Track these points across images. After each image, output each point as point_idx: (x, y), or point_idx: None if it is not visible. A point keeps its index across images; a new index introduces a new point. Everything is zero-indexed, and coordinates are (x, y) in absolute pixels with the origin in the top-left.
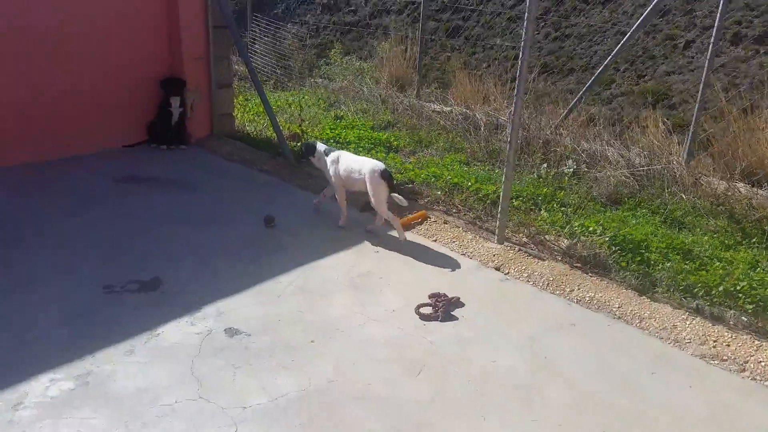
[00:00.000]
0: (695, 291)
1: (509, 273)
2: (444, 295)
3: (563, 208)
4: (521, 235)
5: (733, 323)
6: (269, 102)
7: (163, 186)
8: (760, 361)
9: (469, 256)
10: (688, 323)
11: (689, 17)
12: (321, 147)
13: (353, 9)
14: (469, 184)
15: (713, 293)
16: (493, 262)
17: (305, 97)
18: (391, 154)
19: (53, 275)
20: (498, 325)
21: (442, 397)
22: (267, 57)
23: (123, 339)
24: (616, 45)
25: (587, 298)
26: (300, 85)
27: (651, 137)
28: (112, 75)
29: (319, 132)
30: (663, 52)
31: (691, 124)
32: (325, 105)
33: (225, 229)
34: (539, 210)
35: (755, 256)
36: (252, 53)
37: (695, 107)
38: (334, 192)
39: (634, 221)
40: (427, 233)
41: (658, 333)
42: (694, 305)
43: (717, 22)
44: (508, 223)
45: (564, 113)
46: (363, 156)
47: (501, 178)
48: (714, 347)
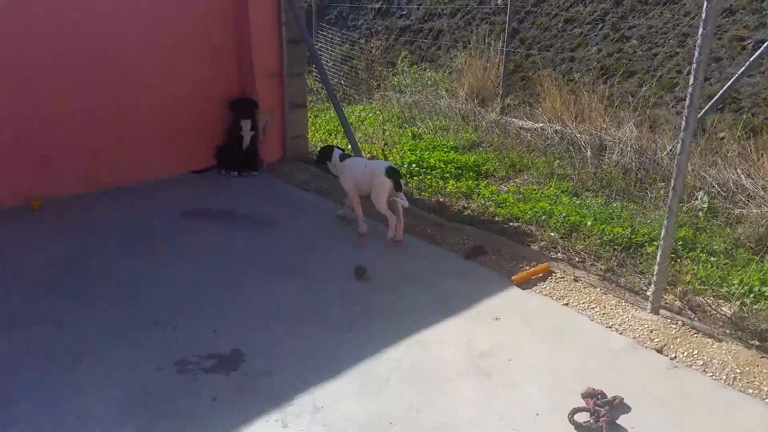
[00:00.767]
0: None
1: (676, 358)
2: (602, 394)
3: (711, 258)
4: (670, 296)
5: None
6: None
7: (237, 223)
8: None
9: (618, 329)
10: None
11: (758, 16)
12: (337, 153)
13: (405, 13)
14: (589, 223)
15: None
16: (652, 340)
17: (378, 113)
18: (483, 180)
19: (110, 342)
20: None
21: None
22: (332, 68)
23: None
24: (678, 47)
25: None
26: (368, 98)
27: None
28: (177, 95)
29: (399, 155)
30: (730, 53)
31: None
32: (399, 121)
33: (311, 282)
34: (681, 258)
35: None
36: None
37: None
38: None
39: None
40: (555, 293)
41: None
42: None
43: None
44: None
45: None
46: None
47: (623, 213)
48: None
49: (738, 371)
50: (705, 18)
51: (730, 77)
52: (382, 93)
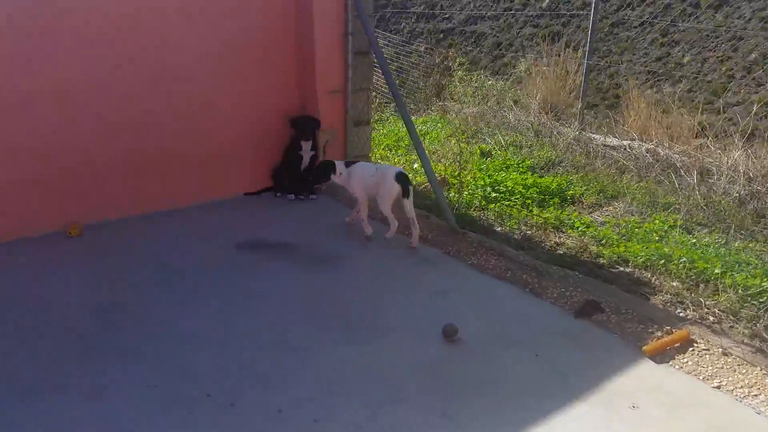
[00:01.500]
0: None
1: None
2: None
3: None
4: None
5: None
6: (407, 136)
7: (297, 259)
8: None
9: None
10: None
11: None
12: (340, 163)
13: (447, 16)
14: (717, 270)
15: None
16: None
17: (440, 127)
18: (569, 207)
19: (155, 421)
20: None
21: None
22: (380, 77)
23: None
24: (731, 51)
25: None
26: (426, 109)
27: None
28: (230, 111)
29: (472, 177)
30: None
31: None
32: (465, 136)
33: (387, 344)
34: None
35: None
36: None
37: None
38: (359, 208)
39: None
40: (700, 371)
41: None
42: None
43: None
44: None
45: None
46: None
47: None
48: None
49: None
50: None
51: None
52: (441, 104)
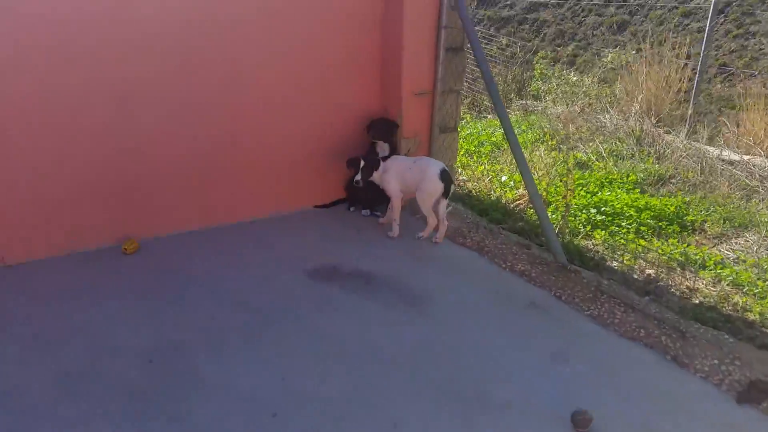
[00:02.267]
0: None
1: None
2: None
3: None
4: None
5: None
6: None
7: (376, 296)
8: None
9: None
10: None
11: None
12: (378, 158)
13: (509, 3)
14: None
15: None
16: None
17: (524, 129)
18: (689, 236)
19: None
20: None
21: None
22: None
23: None
24: None
25: None
26: (506, 107)
27: None
28: (303, 115)
29: (577, 199)
30: None
31: None
32: (554, 143)
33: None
34: None
35: None
36: None
37: None
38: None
39: None
40: None
41: None
42: None
43: None
44: None
45: None
46: None
47: None
48: None
49: None
50: None
51: None
52: (522, 102)
